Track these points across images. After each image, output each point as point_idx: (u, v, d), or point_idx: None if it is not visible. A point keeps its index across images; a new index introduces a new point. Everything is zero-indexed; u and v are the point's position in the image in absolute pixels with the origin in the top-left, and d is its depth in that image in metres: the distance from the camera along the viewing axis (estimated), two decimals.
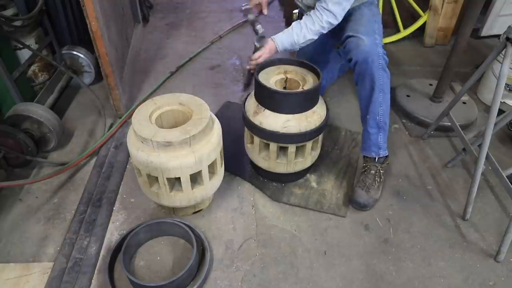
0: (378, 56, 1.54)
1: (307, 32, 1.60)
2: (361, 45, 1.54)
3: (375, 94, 1.58)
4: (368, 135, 1.68)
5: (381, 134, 1.67)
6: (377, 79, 1.55)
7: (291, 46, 1.63)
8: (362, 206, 1.65)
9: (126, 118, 2.17)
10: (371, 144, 1.68)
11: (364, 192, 1.66)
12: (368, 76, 1.56)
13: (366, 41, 1.54)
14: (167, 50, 2.98)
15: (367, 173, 1.70)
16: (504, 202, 1.72)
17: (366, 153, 1.72)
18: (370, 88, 1.59)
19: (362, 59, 1.54)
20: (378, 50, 1.54)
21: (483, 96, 2.39)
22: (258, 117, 1.55)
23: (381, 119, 1.63)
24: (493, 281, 1.42)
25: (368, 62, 1.53)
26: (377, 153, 1.69)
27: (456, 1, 2.80)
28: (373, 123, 1.64)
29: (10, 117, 1.79)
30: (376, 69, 1.54)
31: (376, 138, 1.67)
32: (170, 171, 1.33)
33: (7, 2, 1.91)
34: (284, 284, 1.39)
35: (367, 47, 1.53)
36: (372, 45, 1.54)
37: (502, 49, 1.49)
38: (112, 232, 1.56)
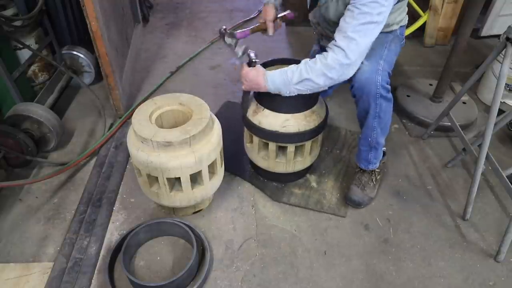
0: (376, 86, 1.39)
1: (304, 70, 1.32)
2: (360, 71, 1.37)
3: (369, 120, 1.49)
4: (360, 150, 1.65)
5: (372, 153, 1.63)
6: (372, 107, 1.44)
7: (284, 86, 1.36)
8: (357, 204, 1.65)
9: (126, 118, 2.17)
10: (362, 158, 1.67)
11: (360, 190, 1.66)
12: (363, 102, 1.45)
13: (366, 67, 1.38)
14: (167, 50, 2.98)
15: (363, 172, 1.71)
16: (504, 202, 1.72)
17: (357, 162, 1.72)
18: (364, 113, 1.50)
19: (358, 86, 1.40)
20: (377, 79, 1.38)
21: (483, 96, 2.39)
22: (257, 116, 1.55)
23: (373, 140, 1.56)
24: (493, 281, 1.42)
25: (363, 91, 1.40)
26: (366, 167, 1.68)
27: (456, 1, 2.80)
28: (365, 142, 1.60)
29: (10, 117, 1.79)
30: (372, 99, 1.41)
31: (366, 155, 1.65)
32: (170, 171, 1.33)
33: (7, 2, 1.91)
34: (284, 284, 1.39)
35: (365, 74, 1.38)
36: (372, 73, 1.38)
37: (502, 49, 1.49)
38: (112, 232, 1.56)
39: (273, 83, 1.38)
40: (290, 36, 3.19)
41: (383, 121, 1.50)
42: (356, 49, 1.26)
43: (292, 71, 1.35)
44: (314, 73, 1.31)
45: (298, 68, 1.34)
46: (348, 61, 1.27)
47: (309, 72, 1.31)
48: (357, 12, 1.23)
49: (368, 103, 1.43)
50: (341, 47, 1.26)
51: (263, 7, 1.71)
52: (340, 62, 1.28)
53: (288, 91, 1.38)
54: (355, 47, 1.26)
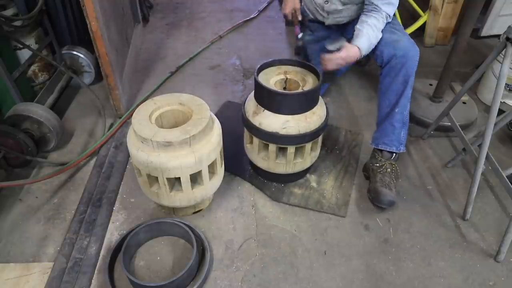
0: (416, 52, 1.58)
1: (378, 32, 1.58)
2: (401, 40, 1.57)
3: (407, 89, 1.60)
4: (392, 129, 1.67)
5: (404, 130, 1.68)
6: (412, 74, 1.58)
7: (368, 49, 1.60)
8: (391, 204, 1.62)
9: (126, 118, 2.17)
10: (394, 138, 1.68)
11: (388, 190, 1.62)
12: (405, 70, 1.57)
13: (404, 38, 1.58)
14: (167, 50, 2.98)
15: (384, 172, 1.68)
16: (504, 202, 1.72)
17: (385, 147, 1.70)
18: (403, 82, 1.59)
19: (403, 53, 1.55)
20: (416, 47, 1.58)
21: (483, 96, 2.39)
22: (257, 117, 1.54)
23: (407, 114, 1.66)
24: (493, 281, 1.42)
25: (408, 57, 1.55)
26: (398, 148, 1.69)
27: (456, 1, 2.80)
28: (400, 117, 1.65)
29: (10, 117, 1.79)
30: (414, 64, 1.57)
31: (399, 133, 1.67)
32: (170, 171, 1.33)
33: (7, 2, 1.91)
34: (284, 284, 1.39)
35: (407, 43, 1.57)
36: (411, 42, 1.59)
37: (502, 49, 1.49)
38: (112, 232, 1.56)
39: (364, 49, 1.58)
40: (290, 36, 3.19)
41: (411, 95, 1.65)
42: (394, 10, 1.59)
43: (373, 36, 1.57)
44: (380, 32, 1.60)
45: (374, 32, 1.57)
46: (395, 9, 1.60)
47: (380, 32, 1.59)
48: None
49: (411, 69, 1.57)
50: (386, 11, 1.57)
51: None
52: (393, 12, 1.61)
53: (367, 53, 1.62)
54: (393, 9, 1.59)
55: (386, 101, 1.67)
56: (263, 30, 3.30)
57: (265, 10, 3.64)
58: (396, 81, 1.60)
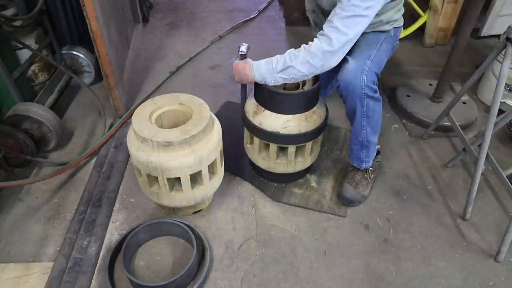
0: (360, 85, 1.38)
1: (288, 58, 1.33)
2: (345, 70, 1.39)
3: (357, 119, 1.50)
4: (352, 148, 1.66)
5: (364, 151, 1.63)
6: (358, 107, 1.45)
7: (269, 75, 1.38)
8: (349, 201, 1.65)
9: (126, 118, 2.17)
10: (354, 156, 1.68)
11: (352, 187, 1.67)
12: (349, 102, 1.46)
13: (351, 66, 1.38)
14: (167, 50, 2.97)
15: (356, 170, 1.72)
16: (504, 202, 1.72)
17: (350, 160, 1.72)
18: (352, 112, 1.50)
19: (343, 85, 1.41)
20: (361, 78, 1.37)
21: (483, 96, 2.39)
22: (258, 117, 1.54)
23: (364, 139, 1.57)
24: (493, 281, 1.42)
25: (348, 90, 1.41)
26: (359, 165, 1.69)
27: (456, 1, 2.80)
28: (355, 141, 1.61)
29: (10, 117, 1.79)
30: (358, 98, 1.41)
31: (358, 154, 1.65)
32: (170, 171, 1.33)
33: (7, 2, 1.91)
34: (284, 284, 1.39)
35: (350, 74, 1.38)
36: (356, 72, 1.37)
37: (502, 49, 1.49)
38: (112, 232, 1.56)
39: (259, 72, 1.40)
40: (290, 36, 3.19)
41: (372, 120, 1.50)
42: (341, 39, 1.27)
43: (277, 59, 1.36)
44: (298, 60, 1.32)
45: (282, 57, 1.35)
46: (331, 48, 1.27)
47: (292, 60, 1.32)
48: (346, 3, 1.23)
49: (354, 103, 1.44)
50: (326, 35, 1.28)
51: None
52: (323, 49, 1.28)
53: (272, 80, 1.39)
54: (340, 37, 1.26)
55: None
56: (263, 30, 3.30)
57: (265, 10, 3.64)
58: (346, 108, 1.52)
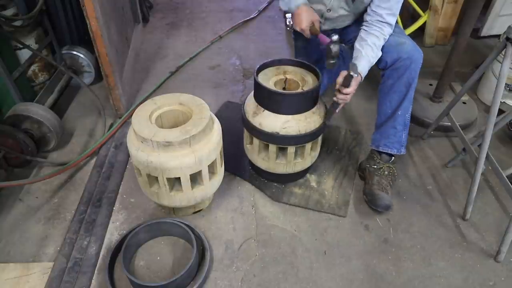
0: (421, 56, 1.58)
1: (378, 51, 1.57)
2: (405, 43, 1.57)
3: (410, 92, 1.61)
4: (394, 131, 1.67)
5: (405, 131, 1.68)
6: (416, 77, 1.58)
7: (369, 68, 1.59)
8: (387, 208, 1.62)
9: (126, 118, 2.17)
10: (395, 141, 1.68)
11: (385, 193, 1.62)
12: (409, 73, 1.57)
13: (409, 41, 1.58)
14: (167, 50, 2.98)
15: (381, 175, 1.68)
16: (504, 202, 1.72)
17: (387, 149, 1.70)
18: (407, 85, 1.60)
19: (407, 56, 1.55)
20: (420, 51, 1.58)
21: (483, 96, 2.39)
22: (257, 117, 1.54)
23: (408, 117, 1.66)
24: (493, 281, 1.42)
25: (412, 60, 1.55)
26: (399, 150, 1.69)
27: (456, 1, 2.80)
28: (402, 120, 1.65)
29: (10, 117, 1.79)
30: (418, 68, 1.58)
31: (401, 136, 1.68)
32: (170, 171, 1.33)
33: (7, 2, 1.91)
34: (284, 284, 1.39)
35: (411, 46, 1.56)
36: (415, 46, 1.58)
37: (502, 49, 1.49)
38: (112, 232, 1.56)
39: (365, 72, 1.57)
40: (290, 36, 3.19)
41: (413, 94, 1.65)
42: (394, 21, 1.58)
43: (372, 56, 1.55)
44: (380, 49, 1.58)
45: (373, 52, 1.56)
46: (392, 30, 1.58)
47: (379, 50, 1.57)
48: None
49: (415, 72, 1.57)
50: (389, 22, 1.55)
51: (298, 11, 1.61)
52: (389, 33, 1.58)
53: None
54: (394, 19, 1.58)
55: (387, 103, 1.67)
56: (263, 30, 3.30)
57: (265, 10, 3.64)
58: (399, 83, 1.60)
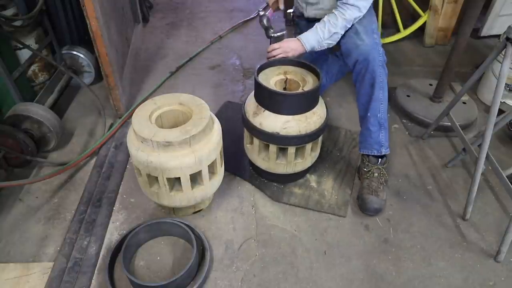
0: (378, 54, 1.57)
1: (331, 27, 1.59)
2: (362, 45, 1.57)
3: (376, 92, 1.60)
4: (369, 133, 1.67)
5: (383, 132, 1.67)
6: (377, 76, 1.57)
7: (317, 43, 1.64)
8: (377, 211, 1.62)
9: (126, 118, 2.17)
10: (373, 142, 1.68)
11: (374, 196, 1.62)
12: (369, 74, 1.58)
13: (366, 40, 1.57)
14: (167, 50, 2.98)
15: (371, 177, 1.68)
16: (504, 202, 1.72)
17: (367, 151, 1.71)
18: (370, 86, 1.60)
19: (363, 57, 1.56)
20: (378, 49, 1.58)
21: (483, 96, 2.39)
22: (257, 118, 1.54)
23: (382, 116, 1.64)
24: (493, 281, 1.42)
25: (369, 60, 1.55)
26: (379, 151, 1.68)
27: (456, 1, 2.80)
28: (374, 121, 1.64)
29: (10, 117, 1.79)
30: (377, 67, 1.56)
31: (377, 136, 1.66)
32: (170, 171, 1.33)
33: (7, 2, 1.91)
34: (284, 284, 1.39)
35: (367, 46, 1.56)
36: (373, 44, 1.57)
37: (502, 49, 1.49)
38: (112, 232, 1.56)
39: (309, 43, 1.64)
40: (290, 36, 3.19)
41: (385, 94, 1.63)
42: (366, 5, 1.59)
43: (321, 29, 1.62)
44: (339, 27, 1.61)
45: (325, 26, 1.62)
46: (361, 14, 1.60)
47: (335, 27, 1.61)
48: None
49: (374, 72, 1.57)
50: (355, 4, 1.57)
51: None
52: (356, 16, 1.60)
53: (319, 47, 1.67)
54: (366, 3, 1.59)
55: (360, 105, 1.69)
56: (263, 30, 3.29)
57: None
58: (364, 85, 1.62)
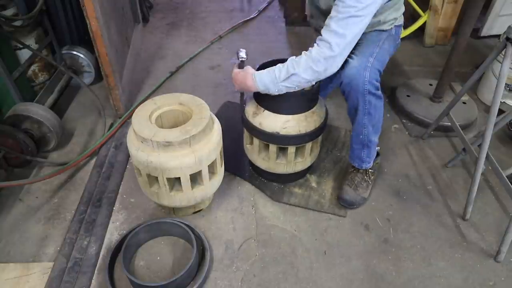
0: (363, 82, 1.37)
1: (290, 67, 1.31)
2: (348, 66, 1.39)
3: (359, 117, 1.49)
4: (353, 148, 1.65)
5: (365, 151, 1.62)
6: (360, 103, 1.43)
7: (272, 83, 1.36)
8: (349, 204, 1.65)
9: (126, 118, 2.17)
10: (354, 156, 1.67)
11: (352, 189, 1.66)
12: (351, 99, 1.45)
13: (355, 62, 1.38)
14: (167, 50, 2.98)
15: (356, 172, 1.71)
16: (504, 202, 1.72)
17: (350, 161, 1.71)
18: (353, 110, 1.49)
19: (346, 81, 1.41)
20: (365, 75, 1.37)
21: (483, 96, 2.39)
22: (257, 117, 1.54)
23: (364, 138, 1.56)
24: (493, 281, 1.42)
25: (351, 86, 1.40)
26: (360, 165, 1.68)
27: (456, 1, 2.80)
28: (356, 140, 1.60)
29: (10, 117, 1.79)
30: (360, 94, 1.40)
31: (359, 153, 1.64)
32: (170, 171, 1.33)
33: (7, 2, 1.91)
34: (284, 284, 1.39)
35: (353, 70, 1.38)
36: (360, 69, 1.37)
37: (502, 49, 1.49)
38: (112, 232, 1.56)
39: (262, 82, 1.38)
40: (290, 36, 3.19)
41: (373, 118, 1.49)
42: (341, 42, 1.25)
43: (279, 68, 1.35)
44: (301, 68, 1.30)
45: (284, 65, 1.34)
46: (333, 53, 1.26)
47: (295, 67, 1.31)
48: (341, 5, 1.22)
49: (357, 99, 1.42)
50: (325, 40, 1.26)
51: None
52: (325, 55, 1.27)
53: (276, 89, 1.37)
54: (339, 40, 1.25)
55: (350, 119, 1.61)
56: (263, 30, 3.30)
57: (265, 10, 3.64)
58: (348, 106, 1.51)
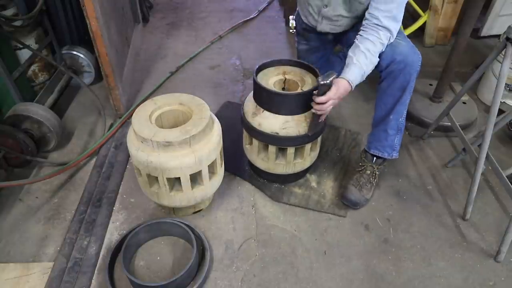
0: (418, 59, 1.48)
1: (372, 57, 1.44)
2: (400, 46, 1.46)
3: (405, 95, 1.52)
4: (386, 135, 1.63)
5: (398, 136, 1.64)
6: (411, 81, 1.49)
7: (361, 78, 1.47)
8: (353, 204, 1.65)
9: (126, 118, 2.17)
10: (387, 145, 1.65)
11: (357, 190, 1.66)
12: (404, 76, 1.48)
13: (404, 42, 1.48)
14: (167, 50, 2.98)
15: (362, 173, 1.70)
16: (504, 202, 1.72)
17: (377, 153, 1.68)
18: (401, 88, 1.51)
19: (401, 58, 1.45)
20: (417, 53, 1.48)
21: (483, 96, 2.39)
22: (257, 118, 1.54)
23: (402, 121, 1.60)
24: (493, 281, 1.42)
25: (407, 63, 1.45)
26: (390, 154, 1.67)
27: (456, 1, 2.80)
28: (394, 124, 1.59)
29: (10, 117, 1.79)
30: (414, 71, 1.48)
31: (393, 140, 1.64)
32: (170, 171, 1.33)
33: (7, 2, 1.91)
34: (284, 284, 1.39)
35: (406, 47, 1.46)
36: (411, 47, 1.48)
37: (502, 49, 1.49)
38: (112, 232, 1.56)
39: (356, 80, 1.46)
40: (290, 36, 3.19)
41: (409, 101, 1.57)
42: (397, 27, 1.43)
43: (365, 64, 1.44)
44: (377, 54, 1.45)
45: (366, 58, 1.44)
46: (393, 37, 1.44)
47: (375, 56, 1.45)
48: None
49: (409, 76, 1.48)
50: (386, 27, 1.40)
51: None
52: (388, 41, 1.44)
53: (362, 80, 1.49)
54: (397, 25, 1.42)
55: (382, 105, 1.61)
56: (263, 30, 3.30)
57: (265, 10, 3.64)
58: (393, 86, 1.52)
